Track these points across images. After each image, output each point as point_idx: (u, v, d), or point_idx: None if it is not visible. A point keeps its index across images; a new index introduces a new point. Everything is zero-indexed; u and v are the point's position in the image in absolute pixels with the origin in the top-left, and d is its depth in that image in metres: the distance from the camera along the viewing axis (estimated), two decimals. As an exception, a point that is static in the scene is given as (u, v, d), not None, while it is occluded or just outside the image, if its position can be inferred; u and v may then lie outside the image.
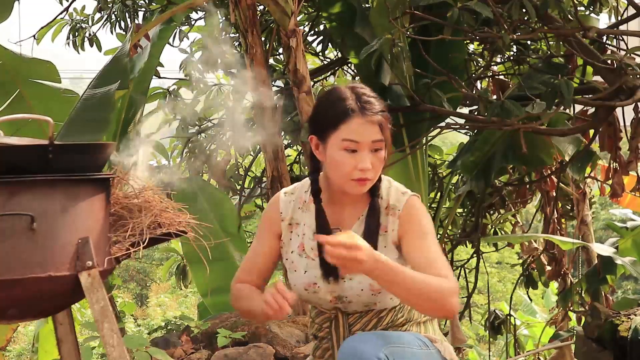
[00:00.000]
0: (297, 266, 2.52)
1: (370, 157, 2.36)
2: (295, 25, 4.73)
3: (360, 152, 2.35)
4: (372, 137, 2.35)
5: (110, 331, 2.31)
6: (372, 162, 2.36)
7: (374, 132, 2.36)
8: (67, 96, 5.21)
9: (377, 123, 2.36)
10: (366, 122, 2.35)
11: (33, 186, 2.24)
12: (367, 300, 2.42)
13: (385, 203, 2.44)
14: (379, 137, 2.36)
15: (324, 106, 2.45)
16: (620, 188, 5.77)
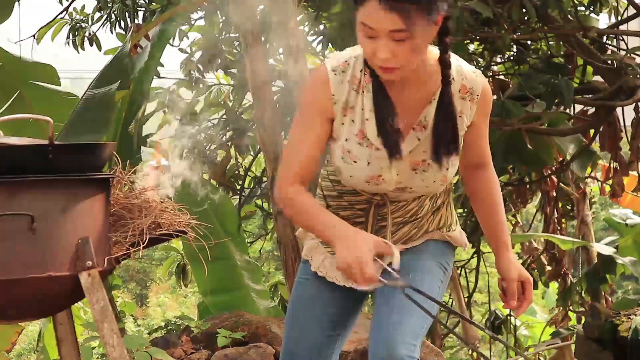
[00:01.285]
0: (358, 156, 2.20)
1: (392, 45, 2.02)
2: (296, 25, 4.73)
3: (378, 40, 2.03)
4: (389, 26, 1.99)
5: (110, 331, 2.31)
6: (394, 51, 2.03)
7: (393, 20, 1.98)
8: (67, 98, 5.22)
9: (397, 10, 1.97)
10: (383, 8, 1.98)
11: (33, 186, 2.24)
12: (431, 189, 2.28)
13: (458, 85, 2.18)
14: (399, 27, 1.99)
15: None
16: (620, 188, 5.77)
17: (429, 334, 6.60)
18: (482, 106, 2.25)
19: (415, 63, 2.09)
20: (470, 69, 2.23)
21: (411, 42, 2.02)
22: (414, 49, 2.04)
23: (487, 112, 2.29)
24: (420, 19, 2.00)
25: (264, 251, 10.14)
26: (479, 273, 6.84)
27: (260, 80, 4.86)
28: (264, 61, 4.87)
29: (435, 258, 2.38)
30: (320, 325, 2.42)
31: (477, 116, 2.25)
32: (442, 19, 2.08)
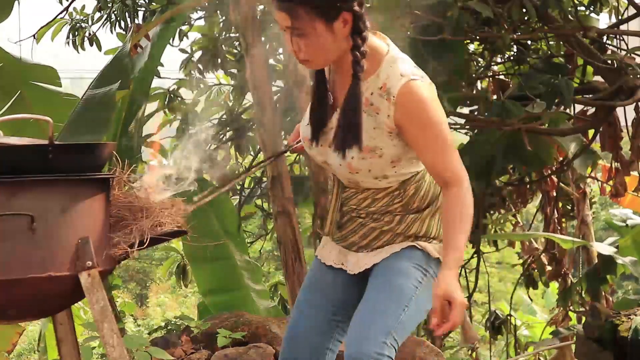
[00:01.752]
0: (305, 116, 2.47)
1: (295, 40, 2.24)
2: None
3: (286, 34, 2.27)
4: (283, 23, 2.24)
5: (110, 331, 2.31)
6: (299, 45, 2.25)
7: (283, 18, 2.22)
8: (67, 99, 5.22)
9: (284, 9, 2.21)
10: (277, 7, 2.23)
11: (33, 186, 2.24)
12: (347, 176, 2.37)
13: (381, 83, 2.28)
14: (288, 25, 2.22)
15: None
16: (622, 188, 5.77)
17: (429, 334, 6.60)
18: (402, 110, 2.26)
19: (321, 56, 2.27)
20: (400, 71, 2.28)
21: (309, 38, 2.22)
22: (314, 44, 2.23)
23: (418, 119, 2.27)
24: (308, 17, 2.20)
25: (264, 251, 10.14)
26: (479, 273, 6.84)
27: (260, 80, 4.86)
28: (264, 61, 4.87)
29: (411, 260, 2.39)
30: (320, 308, 2.50)
31: (402, 121, 2.27)
32: (352, 17, 2.23)
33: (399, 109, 2.26)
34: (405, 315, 2.31)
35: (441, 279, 2.22)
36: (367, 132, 2.29)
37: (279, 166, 5.04)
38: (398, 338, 2.30)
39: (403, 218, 2.40)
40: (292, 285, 5.20)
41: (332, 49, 2.25)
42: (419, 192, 2.41)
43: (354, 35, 2.25)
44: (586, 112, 6.17)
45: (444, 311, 2.20)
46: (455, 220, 2.27)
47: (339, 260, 2.49)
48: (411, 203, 2.40)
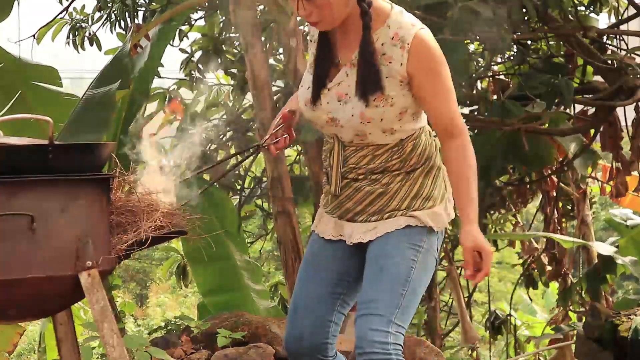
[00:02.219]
0: (304, 82, 2.52)
1: (307, 4, 2.32)
2: (295, 26, 4.73)
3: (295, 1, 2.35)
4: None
5: (110, 331, 2.31)
6: (309, 9, 2.33)
7: None
8: (68, 99, 5.22)
9: None
10: None
11: (33, 186, 2.24)
12: (358, 128, 2.41)
13: (392, 33, 2.38)
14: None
15: None
16: (623, 187, 5.77)
17: (429, 334, 6.60)
18: (416, 57, 2.36)
19: (334, 16, 2.35)
20: (410, 21, 2.40)
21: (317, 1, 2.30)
22: (323, 4, 2.31)
23: (428, 67, 2.38)
24: None
25: (264, 251, 10.14)
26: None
27: (260, 80, 4.86)
28: (264, 61, 4.87)
29: (404, 239, 2.43)
30: (322, 280, 2.53)
31: (414, 69, 2.36)
32: None
33: (413, 57, 2.36)
34: (404, 300, 2.37)
35: (467, 233, 2.34)
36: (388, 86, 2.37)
37: (279, 166, 5.04)
38: (402, 323, 2.35)
39: (399, 177, 2.45)
40: (292, 285, 5.19)
41: (342, 5, 2.33)
42: (416, 149, 2.46)
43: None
44: (586, 112, 6.17)
45: (476, 261, 2.34)
46: (465, 171, 2.38)
47: (337, 232, 2.53)
48: (409, 159, 2.46)
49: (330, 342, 2.51)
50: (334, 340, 2.53)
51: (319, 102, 2.45)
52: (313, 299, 2.51)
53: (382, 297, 2.35)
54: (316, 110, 2.47)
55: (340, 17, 2.37)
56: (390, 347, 2.29)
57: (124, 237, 2.46)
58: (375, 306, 2.33)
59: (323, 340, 2.50)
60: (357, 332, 2.33)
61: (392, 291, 2.36)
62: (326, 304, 2.51)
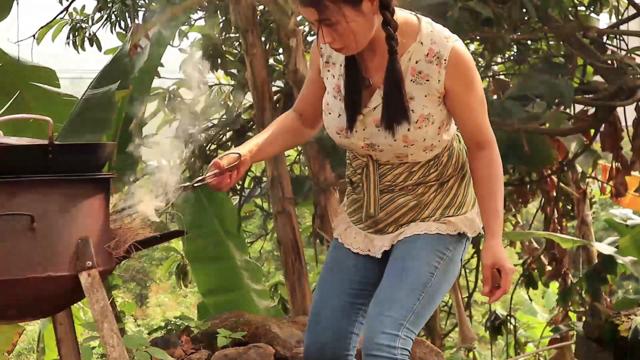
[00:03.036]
0: (332, 108, 2.40)
1: (326, 30, 2.22)
2: (295, 26, 4.73)
3: (315, 27, 2.26)
4: (312, 17, 2.22)
5: (110, 331, 2.31)
6: (332, 36, 2.23)
7: (310, 12, 2.21)
8: (67, 99, 5.22)
9: (309, 5, 2.20)
10: (302, 4, 2.23)
11: (33, 186, 2.24)
12: (399, 151, 2.34)
13: (426, 49, 2.28)
14: (317, 18, 2.21)
15: None
16: (623, 187, 5.77)
17: (429, 334, 6.60)
18: (454, 72, 2.28)
19: (357, 41, 2.25)
20: (443, 34, 2.29)
21: (339, 26, 2.21)
22: (346, 31, 2.21)
23: (466, 81, 2.30)
24: (336, 6, 2.18)
25: (264, 251, 10.14)
26: (479, 273, 6.84)
27: (260, 80, 4.86)
28: (264, 61, 4.87)
29: (430, 243, 2.37)
30: (344, 290, 2.47)
31: (452, 83, 2.29)
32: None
33: (451, 72, 2.28)
34: (419, 305, 2.31)
35: (488, 249, 2.29)
36: (419, 101, 2.29)
37: (279, 166, 5.04)
38: (413, 328, 2.30)
39: (434, 188, 2.41)
40: (292, 285, 5.20)
41: (365, 31, 2.25)
42: (451, 158, 2.41)
43: (382, 11, 2.24)
44: (586, 112, 6.17)
45: (495, 279, 2.27)
46: (492, 183, 2.35)
47: (366, 247, 2.47)
48: (445, 171, 2.41)
49: (350, 353, 2.46)
50: (354, 352, 2.48)
51: (355, 128, 2.36)
52: (335, 310, 2.46)
53: (399, 298, 2.30)
54: (351, 138, 2.38)
55: (365, 42, 2.27)
56: (397, 351, 2.25)
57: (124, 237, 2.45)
58: (390, 306, 2.29)
59: (344, 352, 2.45)
60: (367, 331, 2.30)
61: (409, 294, 2.30)
62: (349, 316, 2.46)
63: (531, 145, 5.38)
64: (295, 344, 3.93)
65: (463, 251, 2.45)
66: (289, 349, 3.87)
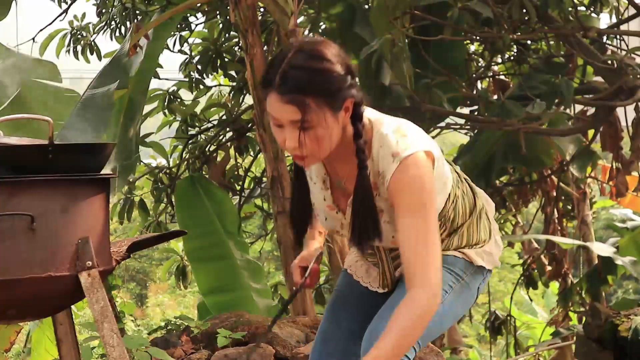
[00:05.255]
0: (318, 212, 2.37)
1: (297, 134, 2.07)
2: (295, 26, 4.73)
3: (285, 128, 2.09)
4: (289, 117, 2.06)
5: (110, 331, 2.31)
6: (301, 140, 2.08)
7: (290, 111, 2.04)
8: (67, 96, 5.21)
9: (291, 103, 2.04)
10: (280, 100, 2.05)
11: (33, 186, 2.23)
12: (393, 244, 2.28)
13: (375, 166, 2.16)
14: (297, 118, 2.04)
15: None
16: (624, 187, 5.77)
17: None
18: (392, 194, 2.13)
19: (324, 150, 2.12)
20: (391, 150, 2.13)
21: (315, 130, 2.07)
22: (319, 137, 2.09)
23: (404, 204, 2.11)
24: (318, 109, 2.05)
25: (264, 251, 10.14)
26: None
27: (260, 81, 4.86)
28: (264, 61, 4.87)
29: (445, 263, 2.27)
30: (352, 316, 2.44)
31: (392, 201, 2.15)
32: (352, 104, 2.12)
33: (390, 192, 2.14)
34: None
35: None
36: (389, 211, 2.19)
37: (279, 166, 5.04)
38: (418, 341, 2.20)
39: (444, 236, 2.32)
40: (292, 285, 5.19)
41: (335, 140, 2.13)
42: (457, 210, 2.31)
43: (354, 122, 2.14)
44: (586, 112, 6.17)
45: None
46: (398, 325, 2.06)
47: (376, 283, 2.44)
48: (454, 225, 2.32)
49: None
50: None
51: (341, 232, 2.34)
52: (344, 332, 2.42)
53: None
54: (344, 236, 2.38)
55: (327, 153, 2.15)
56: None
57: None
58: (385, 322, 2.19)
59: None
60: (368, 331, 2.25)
61: None
62: (355, 340, 2.38)
63: (531, 146, 5.38)
64: (295, 344, 3.93)
65: (481, 282, 2.37)
66: (289, 349, 3.87)
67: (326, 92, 2.06)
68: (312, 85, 2.05)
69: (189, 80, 6.79)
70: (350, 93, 2.11)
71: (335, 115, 2.09)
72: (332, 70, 2.07)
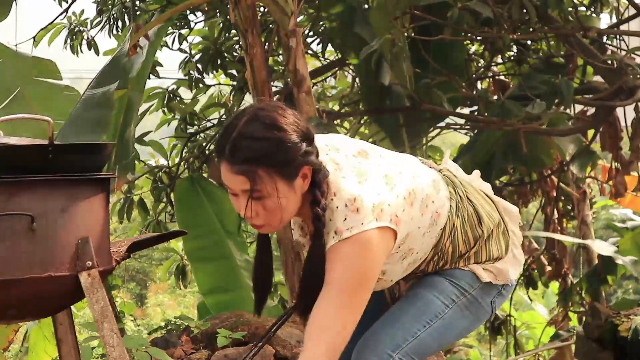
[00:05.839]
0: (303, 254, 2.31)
1: (253, 204, 2.04)
2: (295, 26, 4.73)
3: (239, 197, 2.07)
4: (240, 187, 2.03)
5: (110, 331, 2.31)
6: (257, 210, 2.05)
7: (240, 181, 2.02)
8: (67, 94, 5.20)
9: (240, 173, 2.00)
10: (231, 170, 2.02)
11: (33, 186, 2.23)
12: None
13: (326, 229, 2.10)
14: (248, 188, 2.01)
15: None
16: (623, 187, 5.77)
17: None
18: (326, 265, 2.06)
19: (279, 219, 2.08)
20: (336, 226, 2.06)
21: (268, 200, 2.03)
22: (274, 206, 2.05)
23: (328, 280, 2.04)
24: (270, 179, 2.01)
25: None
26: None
27: (259, 81, 4.86)
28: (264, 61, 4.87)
29: (451, 277, 2.26)
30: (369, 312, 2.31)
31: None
32: (311, 171, 2.07)
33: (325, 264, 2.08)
34: (425, 333, 2.19)
35: None
36: None
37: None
38: (413, 355, 2.18)
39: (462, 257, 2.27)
40: (292, 285, 5.19)
41: (292, 209, 2.09)
42: (456, 242, 2.23)
43: (313, 189, 2.08)
44: (586, 112, 6.17)
45: None
46: None
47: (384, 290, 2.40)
48: (456, 254, 2.25)
49: None
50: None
51: None
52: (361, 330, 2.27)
53: (403, 320, 2.19)
54: None
55: (287, 221, 2.13)
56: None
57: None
58: (392, 325, 2.19)
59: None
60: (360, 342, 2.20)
61: (415, 318, 2.19)
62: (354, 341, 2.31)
63: (531, 146, 5.38)
64: (295, 344, 3.93)
65: (496, 296, 2.31)
66: (289, 349, 3.87)
67: (278, 163, 2.01)
68: (263, 156, 2.00)
69: (189, 79, 6.79)
70: (306, 160, 2.04)
71: (290, 185, 2.04)
72: (286, 139, 2.01)
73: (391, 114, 5.72)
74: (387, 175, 2.13)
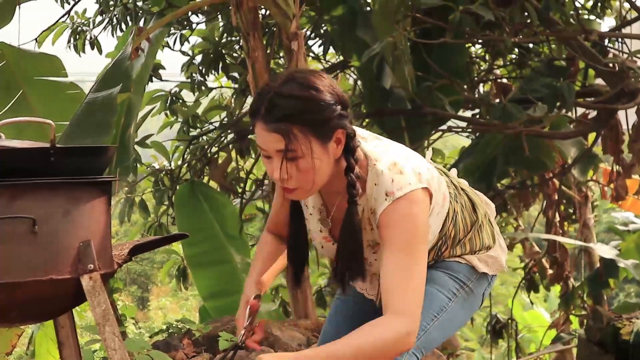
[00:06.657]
0: (316, 242, 2.32)
1: (287, 165, 2.03)
2: (297, 28, 4.73)
3: (273, 159, 2.05)
4: (274, 147, 2.02)
5: (111, 334, 2.31)
6: (290, 171, 2.04)
7: (275, 140, 2.00)
8: (70, 93, 5.19)
9: (275, 131, 1.99)
10: (266, 129, 2.01)
11: (35, 189, 2.23)
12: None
13: (370, 203, 2.12)
14: (282, 147, 2.00)
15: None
16: (624, 191, 5.77)
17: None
18: (381, 228, 2.07)
19: (312, 182, 2.07)
20: (385, 188, 2.07)
21: (303, 161, 2.02)
22: (308, 168, 2.03)
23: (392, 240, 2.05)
24: (305, 138, 2.00)
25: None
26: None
27: (261, 83, 4.85)
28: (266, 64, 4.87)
29: (449, 270, 2.29)
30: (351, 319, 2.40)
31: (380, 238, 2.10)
32: (345, 135, 2.07)
33: (379, 227, 2.09)
34: (433, 326, 2.22)
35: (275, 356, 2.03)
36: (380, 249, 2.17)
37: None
38: (422, 347, 2.20)
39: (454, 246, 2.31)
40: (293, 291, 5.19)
41: (326, 173, 2.08)
42: (457, 226, 2.28)
43: (347, 155, 2.09)
44: (588, 116, 6.17)
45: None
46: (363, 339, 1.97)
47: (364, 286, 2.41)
48: (456, 239, 2.29)
49: None
50: None
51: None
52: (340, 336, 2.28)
53: None
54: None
55: (319, 187, 2.10)
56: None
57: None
58: None
59: None
60: None
61: (425, 312, 2.16)
62: None
63: (533, 149, 5.38)
64: (296, 347, 3.93)
65: (487, 287, 2.36)
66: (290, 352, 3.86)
67: (313, 122, 2.01)
68: (299, 113, 1.99)
69: (191, 82, 6.80)
70: (341, 124, 2.05)
71: (324, 146, 2.04)
72: (321, 99, 2.01)
73: (393, 116, 5.72)
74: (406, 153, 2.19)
